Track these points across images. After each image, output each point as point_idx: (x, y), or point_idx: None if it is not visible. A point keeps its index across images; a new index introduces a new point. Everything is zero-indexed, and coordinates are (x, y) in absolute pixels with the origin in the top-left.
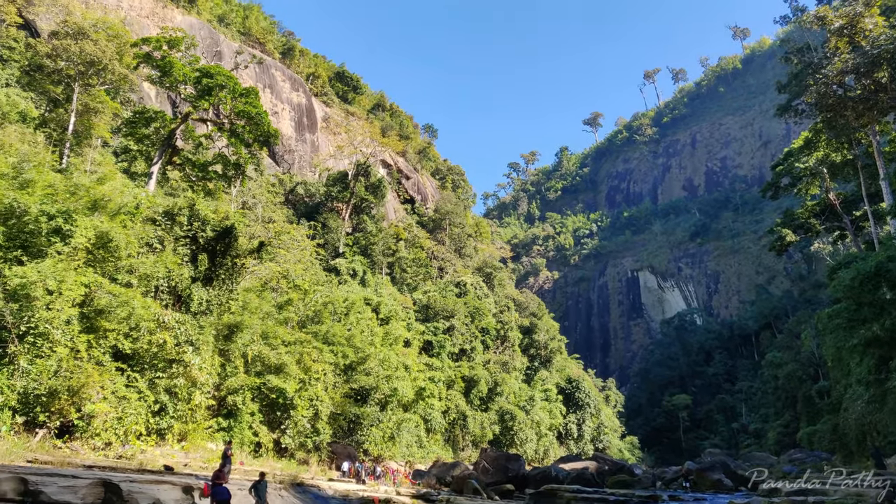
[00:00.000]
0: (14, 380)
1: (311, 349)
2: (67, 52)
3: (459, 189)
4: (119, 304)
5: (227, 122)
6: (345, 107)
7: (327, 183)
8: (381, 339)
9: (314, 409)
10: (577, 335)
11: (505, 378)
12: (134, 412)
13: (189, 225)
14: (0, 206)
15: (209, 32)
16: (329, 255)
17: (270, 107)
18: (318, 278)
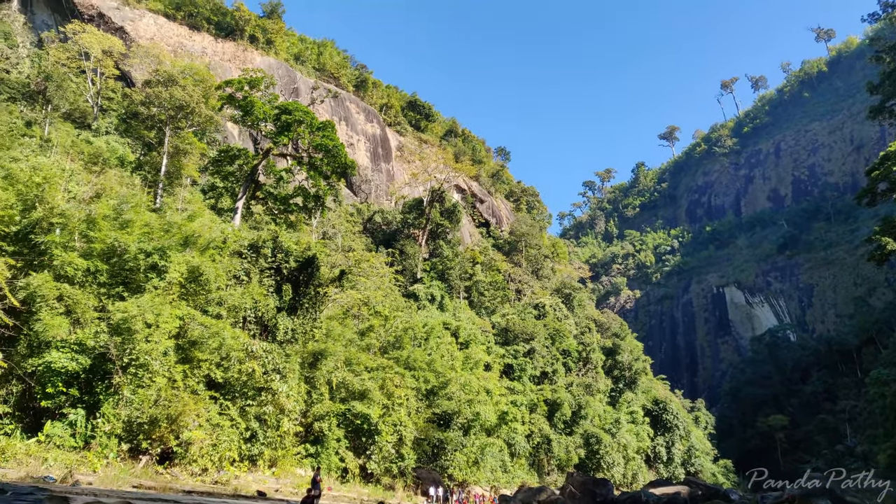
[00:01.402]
0: (119, 409)
1: (393, 375)
2: (159, 99)
3: (534, 210)
4: (210, 335)
5: (306, 155)
6: (418, 135)
7: (403, 210)
8: (462, 363)
9: (398, 435)
10: (661, 355)
11: (589, 401)
12: (227, 439)
13: (273, 257)
14: (103, 246)
15: (286, 71)
16: (407, 281)
17: (346, 139)
18: (398, 304)
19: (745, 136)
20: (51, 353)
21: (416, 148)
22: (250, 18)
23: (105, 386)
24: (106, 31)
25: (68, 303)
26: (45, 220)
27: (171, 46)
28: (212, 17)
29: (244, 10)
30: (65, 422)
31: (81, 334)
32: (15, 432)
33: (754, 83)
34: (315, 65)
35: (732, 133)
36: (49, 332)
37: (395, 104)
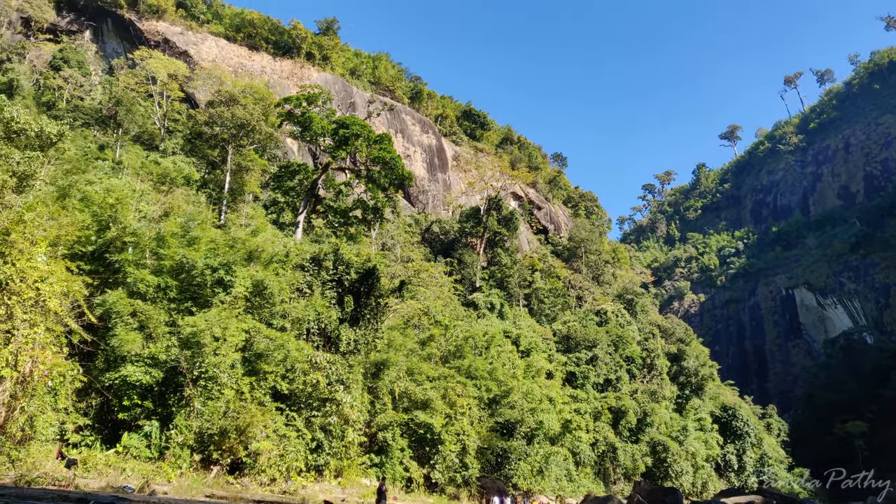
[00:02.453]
0: (190, 420)
1: (454, 384)
2: (221, 119)
3: (593, 215)
4: (276, 347)
5: (364, 168)
6: (473, 144)
7: (460, 219)
8: (523, 371)
9: (461, 444)
10: (729, 360)
11: (654, 408)
12: (294, 449)
13: (334, 269)
14: (172, 263)
15: (343, 86)
16: (466, 290)
17: (403, 150)
18: (458, 313)
19: (811, 132)
20: (126, 367)
21: (471, 157)
22: (306, 36)
23: (177, 398)
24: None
25: (141, 318)
26: (119, 240)
27: (231, 67)
28: (270, 37)
29: (300, 29)
30: (141, 433)
31: (154, 348)
32: (95, 443)
33: (820, 77)
34: (370, 78)
35: (798, 130)
36: (124, 346)
37: (450, 114)
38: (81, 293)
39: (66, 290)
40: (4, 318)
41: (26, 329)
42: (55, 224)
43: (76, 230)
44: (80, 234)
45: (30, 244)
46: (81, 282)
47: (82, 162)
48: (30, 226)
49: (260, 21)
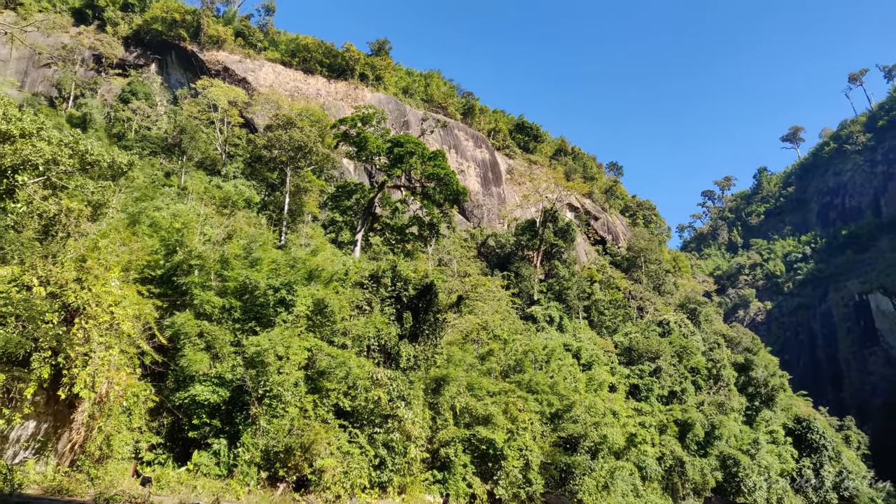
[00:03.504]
0: (257, 438)
1: (515, 398)
2: (279, 142)
3: (651, 224)
4: (337, 364)
5: (419, 185)
6: (527, 156)
7: (516, 232)
8: (585, 385)
9: (524, 459)
10: (800, 369)
11: (722, 420)
12: (357, 466)
13: (393, 286)
14: (236, 284)
15: (396, 105)
16: (524, 304)
17: (457, 166)
18: (516, 327)
19: (880, 130)
20: (195, 386)
21: (525, 169)
22: (359, 58)
23: (243, 417)
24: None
25: (208, 339)
26: (185, 263)
27: (288, 91)
28: (324, 60)
29: (353, 51)
30: (210, 451)
31: (220, 368)
32: (167, 461)
33: (888, 72)
34: (423, 96)
35: (865, 128)
36: (192, 366)
37: (503, 128)
38: (152, 316)
39: (138, 313)
40: (82, 342)
41: (102, 351)
42: (127, 250)
43: (146, 255)
44: (150, 258)
45: (104, 270)
46: (152, 305)
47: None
48: (104, 252)
49: (314, 45)
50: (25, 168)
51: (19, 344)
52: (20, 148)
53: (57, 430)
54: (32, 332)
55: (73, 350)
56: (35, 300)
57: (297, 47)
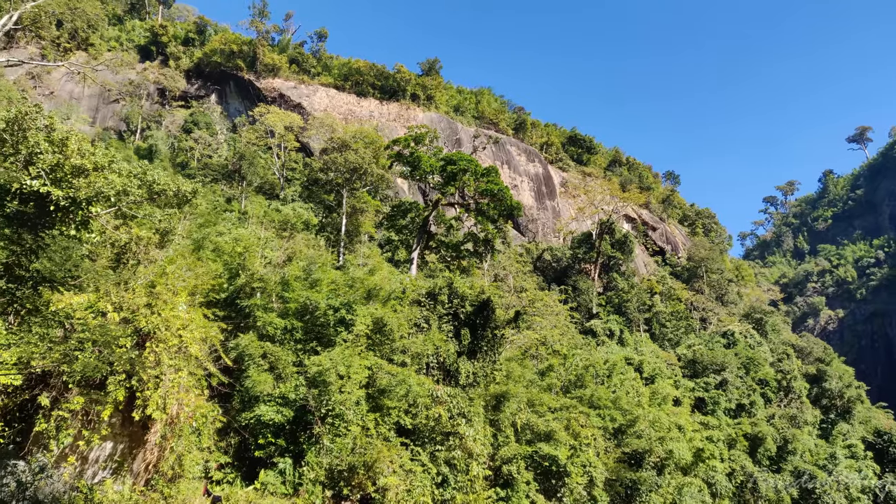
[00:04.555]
0: (321, 457)
1: (577, 414)
2: (335, 164)
3: (712, 233)
4: (397, 382)
5: (473, 202)
6: (581, 168)
7: (572, 246)
8: (648, 399)
9: (588, 476)
10: (878, 379)
11: (795, 434)
12: (420, 484)
13: (450, 303)
14: (297, 305)
15: (448, 123)
16: (583, 318)
17: (510, 181)
18: (576, 342)
19: None
20: (260, 406)
21: (579, 182)
22: (410, 78)
23: (307, 436)
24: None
25: (271, 359)
26: (248, 286)
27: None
28: (375, 83)
29: (404, 72)
30: (276, 470)
31: (284, 388)
32: (236, 480)
33: None
34: (474, 113)
35: None
36: (257, 387)
37: (555, 141)
38: (217, 338)
39: (205, 335)
40: (154, 365)
41: (172, 374)
42: (192, 275)
43: (210, 279)
44: (214, 282)
45: (172, 295)
46: (217, 327)
47: (213, 215)
48: (171, 278)
49: (366, 68)
50: (99, 200)
51: (96, 368)
52: (94, 181)
53: (132, 450)
54: (108, 357)
55: (145, 373)
56: (110, 326)
57: (349, 71)
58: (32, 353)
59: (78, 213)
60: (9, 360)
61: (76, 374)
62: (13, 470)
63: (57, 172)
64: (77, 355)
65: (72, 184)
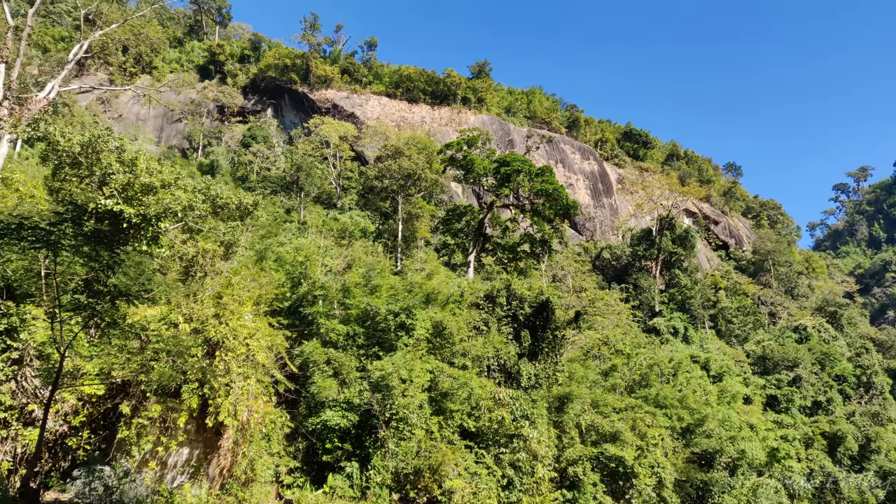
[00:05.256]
0: (386, 461)
1: (643, 414)
2: (390, 171)
3: (778, 224)
4: (459, 385)
5: (528, 202)
6: (637, 164)
7: (631, 243)
8: (717, 397)
9: (657, 477)
10: None
11: (879, 432)
12: (486, 487)
13: (508, 305)
14: (358, 311)
15: (500, 125)
16: (646, 316)
17: (564, 180)
18: (639, 341)
19: None
20: (325, 412)
21: (636, 178)
22: (461, 82)
23: (372, 440)
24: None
25: (335, 365)
26: (310, 294)
27: (394, 122)
28: (426, 88)
29: (455, 76)
30: (343, 474)
31: (348, 393)
32: (305, 484)
33: None
34: (526, 113)
35: None
36: (322, 393)
37: (610, 137)
38: (283, 346)
39: (270, 343)
40: (223, 373)
41: (241, 381)
42: (256, 285)
43: (274, 288)
44: (277, 291)
45: (238, 305)
46: (282, 335)
47: (273, 226)
48: (237, 288)
49: (416, 75)
50: (167, 215)
51: (171, 377)
52: (162, 198)
53: (207, 455)
54: (181, 366)
55: (216, 381)
56: (182, 336)
57: (399, 78)
58: (113, 364)
59: (148, 230)
60: (92, 371)
61: (153, 384)
62: (100, 475)
63: (128, 191)
64: (153, 365)
65: (142, 201)
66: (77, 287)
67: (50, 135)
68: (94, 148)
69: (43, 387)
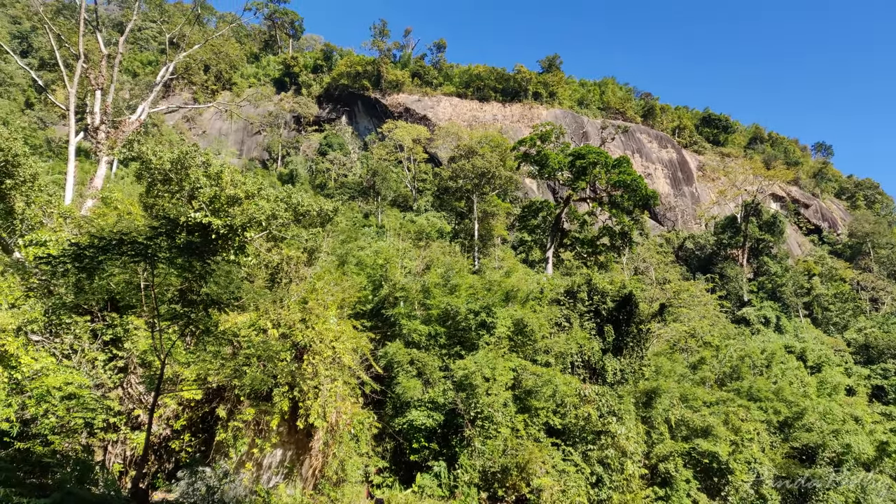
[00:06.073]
0: (473, 459)
1: (736, 408)
2: (463, 171)
3: (876, 204)
4: (543, 383)
5: (606, 195)
6: (718, 150)
7: (715, 232)
8: (816, 389)
9: (754, 473)
10: None
11: None
12: (574, 484)
13: (590, 300)
14: (438, 311)
15: (573, 118)
16: (734, 306)
17: (642, 170)
18: (728, 332)
19: None
20: (411, 412)
21: (718, 164)
22: (531, 77)
23: (458, 439)
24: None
25: (418, 365)
26: (391, 296)
27: (466, 121)
28: (497, 86)
29: (525, 72)
30: (431, 473)
31: (432, 393)
32: (394, 484)
33: None
34: (599, 105)
35: None
36: (407, 393)
37: (688, 124)
38: (367, 347)
39: (355, 346)
40: (311, 376)
41: (329, 384)
42: (339, 289)
43: (356, 292)
44: (359, 294)
45: (323, 309)
46: (366, 337)
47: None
48: (321, 293)
49: (486, 73)
50: (252, 225)
51: (263, 381)
52: (246, 208)
53: (299, 456)
54: (272, 370)
55: (305, 384)
56: (271, 341)
57: (469, 77)
58: (208, 369)
59: (235, 239)
60: (189, 377)
61: (246, 388)
62: (202, 476)
63: (215, 203)
64: (245, 370)
65: (228, 212)
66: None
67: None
68: (182, 164)
69: (146, 393)
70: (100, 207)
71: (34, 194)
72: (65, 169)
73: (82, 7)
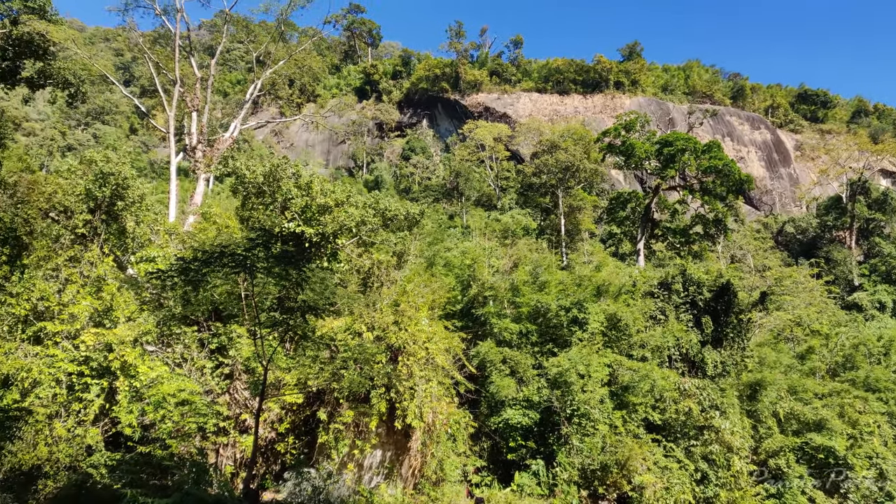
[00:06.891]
0: (571, 457)
1: (852, 399)
2: (547, 166)
3: None
4: (640, 378)
5: (696, 181)
6: (817, 127)
7: (818, 214)
8: None
9: (877, 469)
10: None
11: None
12: (678, 481)
13: (685, 291)
14: (529, 309)
15: (657, 105)
16: (843, 292)
17: (734, 154)
18: (838, 319)
19: None
20: (506, 410)
21: (817, 142)
22: (611, 67)
23: (555, 437)
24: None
25: (511, 364)
26: (480, 295)
27: (546, 116)
28: (576, 78)
29: (604, 62)
30: (529, 472)
31: (527, 391)
32: (493, 483)
33: None
34: (684, 89)
35: None
36: (501, 392)
37: (783, 102)
38: (459, 347)
39: (448, 346)
40: (407, 377)
41: (424, 384)
42: (429, 290)
43: (445, 292)
44: (449, 295)
45: (414, 311)
46: (458, 337)
47: (439, 232)
48: (411, 295)
49: (565, 66)
50: (342, 232)
51: (360, 384)
52: (336, 216)
53: (398, 456)
54: (368, 373)
55: (401, 385)
56: (366, 344)
57: (548, 72)
58: (308, 374)
59: (328, 247)
60: (291, 381)
61: (344, 391)
62: (307, 476)
63: (306, 213)
64: (343, 373)
65: (319, 221)
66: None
67: (237, 169)
68: (274, 177)
69: (251, 398)
70: (200, 223)
71: (142, 214)
72: (167, 188)
73: (177, 35)
